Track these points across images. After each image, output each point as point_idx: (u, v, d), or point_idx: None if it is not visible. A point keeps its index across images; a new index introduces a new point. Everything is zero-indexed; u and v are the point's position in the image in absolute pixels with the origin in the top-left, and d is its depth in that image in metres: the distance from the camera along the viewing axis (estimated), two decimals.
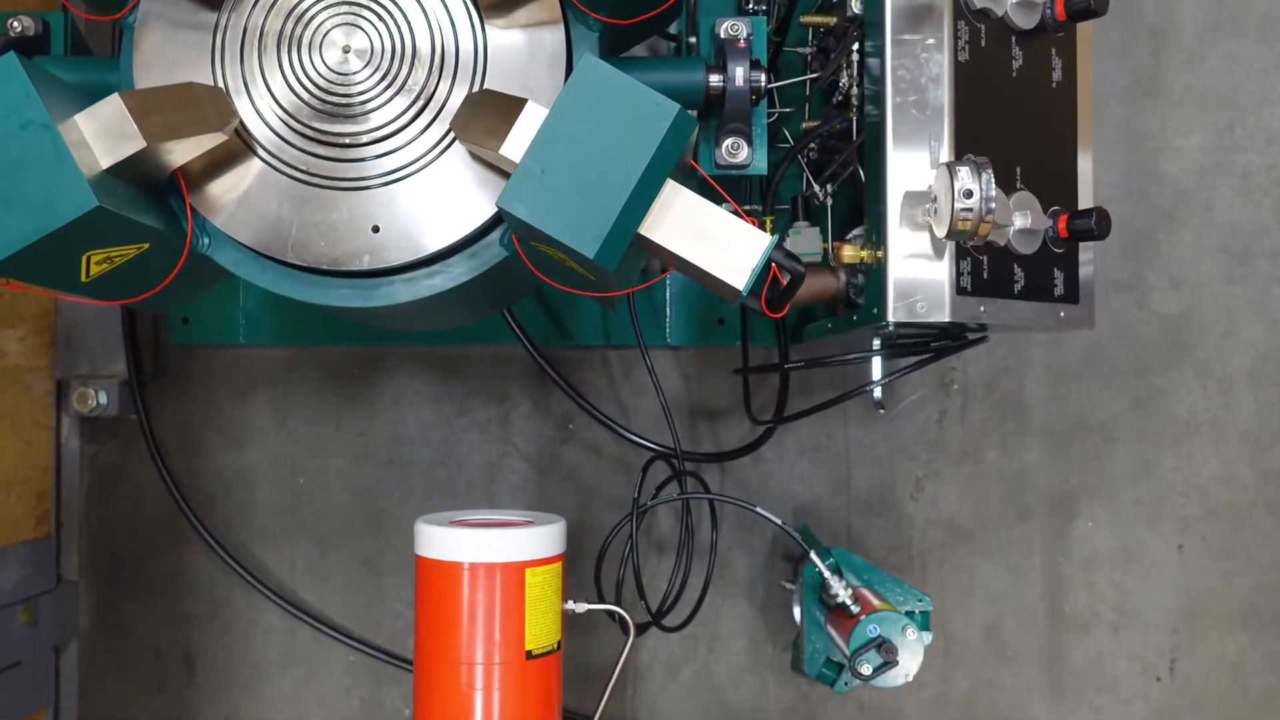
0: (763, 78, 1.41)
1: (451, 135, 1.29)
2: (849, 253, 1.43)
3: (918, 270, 1.32)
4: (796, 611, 1.95)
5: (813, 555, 1.71)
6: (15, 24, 1.46)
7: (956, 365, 2.12)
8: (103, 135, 1.16)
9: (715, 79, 1.41)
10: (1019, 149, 1.39)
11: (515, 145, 1.17)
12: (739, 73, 1.38)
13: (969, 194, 1.18)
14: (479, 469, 2.13)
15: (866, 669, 1.63)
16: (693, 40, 1.72)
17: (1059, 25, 1.41)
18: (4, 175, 1.10)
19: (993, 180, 1.20)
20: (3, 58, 1.11)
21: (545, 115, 1.16)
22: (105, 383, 2.03)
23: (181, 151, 1.23)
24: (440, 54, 1.30)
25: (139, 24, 1.30)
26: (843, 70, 1.62)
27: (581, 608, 1.59)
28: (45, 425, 2.00)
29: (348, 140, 1.30)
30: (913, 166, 1.34)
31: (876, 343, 1.52)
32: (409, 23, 1.29)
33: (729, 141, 1.45)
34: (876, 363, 1.53)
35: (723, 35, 1.44)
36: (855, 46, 1.58)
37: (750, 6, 2.00)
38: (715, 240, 1.17)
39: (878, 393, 1.51)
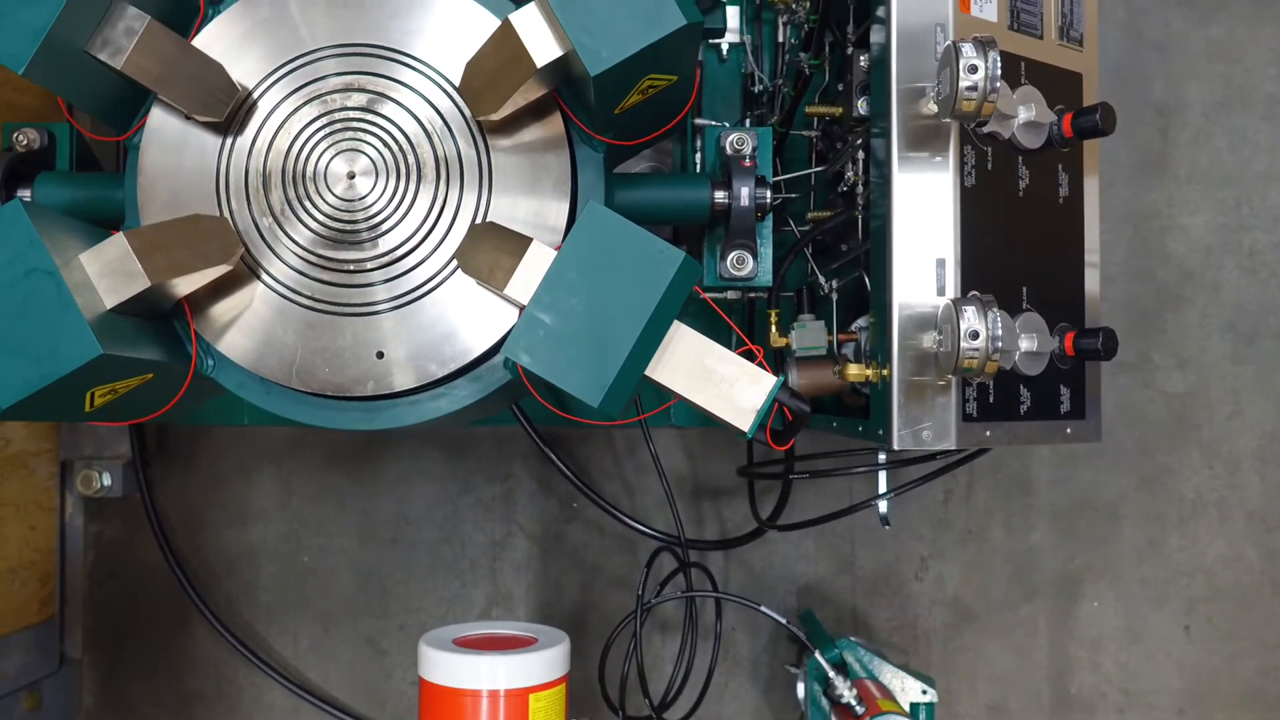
0: (768, 194, 1.41)
1: (455, 262, 1.28)
2: (854, 371, 1.43)
3: (923, 397, 1.31)
4: (800, 689, 1.94)
5: (817, 655, 1.71)
6: (21, 137, 1.46)
7: None
8: (107, 275, 1.16)
9: (720, 195, 1.41)
10: (1025, 268, 1.39)
11: (520, 286, 1.17)
12: (744, 192, 1.38)
13: (975, 335, 1.18)
14: (483, 547, 2.13)
15: None
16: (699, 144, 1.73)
17: (1066, 141, 1.40)
18: (8, 322, 1.10)
19: (999, 319, 1.19)
20: (8, 205, 1.11)
21: (549, 255, 1.17)
22: (109, 464, 2.03)
23: (186, 284, 1.23)
24: (445, 176, 1.29)
25: (144, 145, 1.30)
26: (848, 165, 1.62)
27: None
28: (49, 507, 2.00)
29: (352, 266, 1.30)
30: (918, 286, 1.33)
31: (882, 456, 1.51)
32: (412, 145, 1.29)
33: (734, 255, 1.45)
34: (882, 476, 1.52)
35: (729, 150, 1.45)
36: (861, 143, 1.57)
37: (756, 88, 2.00)
38: (721, 381, 1.17)
39: (883, 507, 1.50)
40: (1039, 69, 1.40)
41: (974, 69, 1.18)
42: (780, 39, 1.93)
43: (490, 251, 1.20)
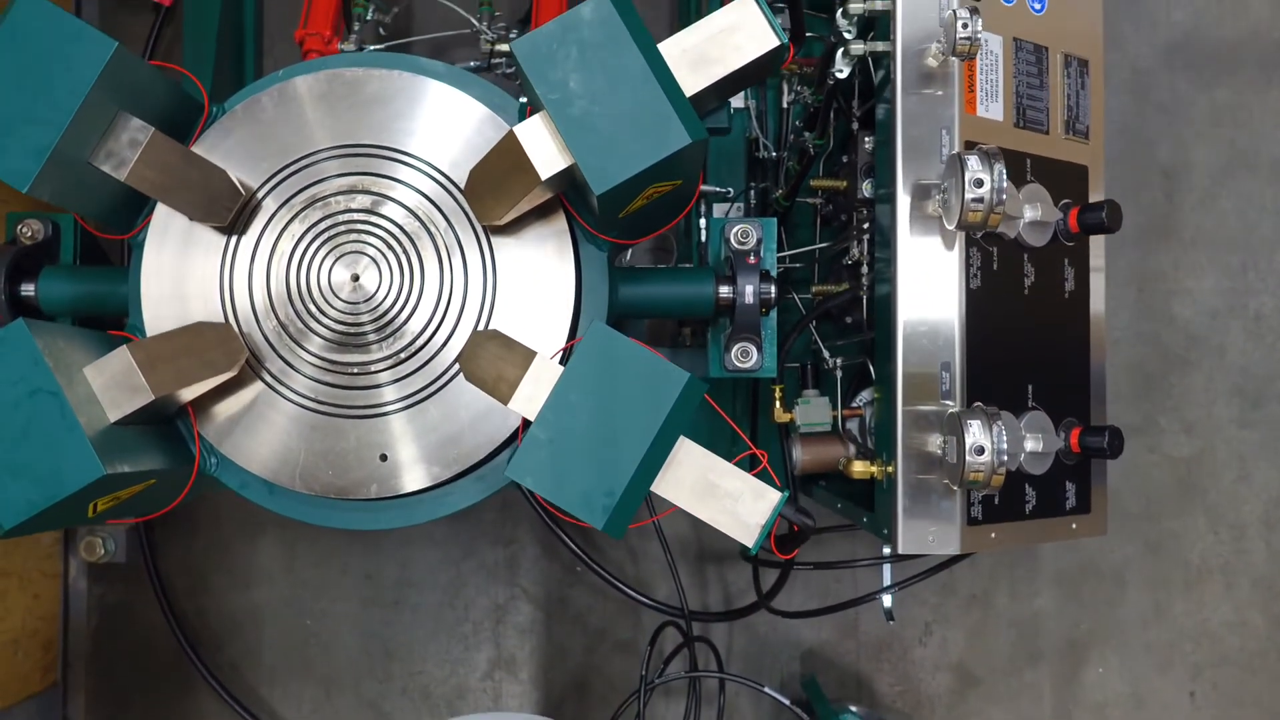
0: (773, 290, 1.40)
1: (458, 366, 1.28)
2: (859, 468, 1.42)
3: (928, 498, 1.31)
4: None
5: None
6: (25, 228, 1.46)
7: None
8: (110, 389, 1.15)
9: (725, 291, 1.40)
10: (1031, 364, 1.38)
11: (524, 401, 1.16)
12: (749, 290, 1.37)
13: (980, 450, 1.17)
14: (486, 611, 2.12)
15: None
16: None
17: (1072, 236, 1.40)
18: (12, 443, 1.10)
19: (1004, 433, 1.18)
20: (12, 325, 1.11)
21: (553, 369, 1.16)
22: (112, 530, 2.03)
23: (190, 392, 1.23)
24: (449, 280, 1.29)
25: (148, 245, 1.30)
26: (853, 243, 1.62)
27: None
28: (53, 574, 2.00)
29: (356, 369, 1.29)
30: (924, 390, 1.33)
31: (887, 549, 1.51)
32: (416, 248, 1.29)
33: (738, 348, 1.44)
34: (887, 570, 1.52)
35: (733, 242, 1.44)
36: (867, 226, 1.57)
37: (760, 153, 2.00)
38: (725, 496, 1.16)
39: (887, 601, 1.50)
40: (1044, 164, 1.39)
41: (980, 183, 1.18)
42: (785, 103, 1.93)
43: (493, 362, 1.20)
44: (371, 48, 1.77)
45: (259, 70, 2.12)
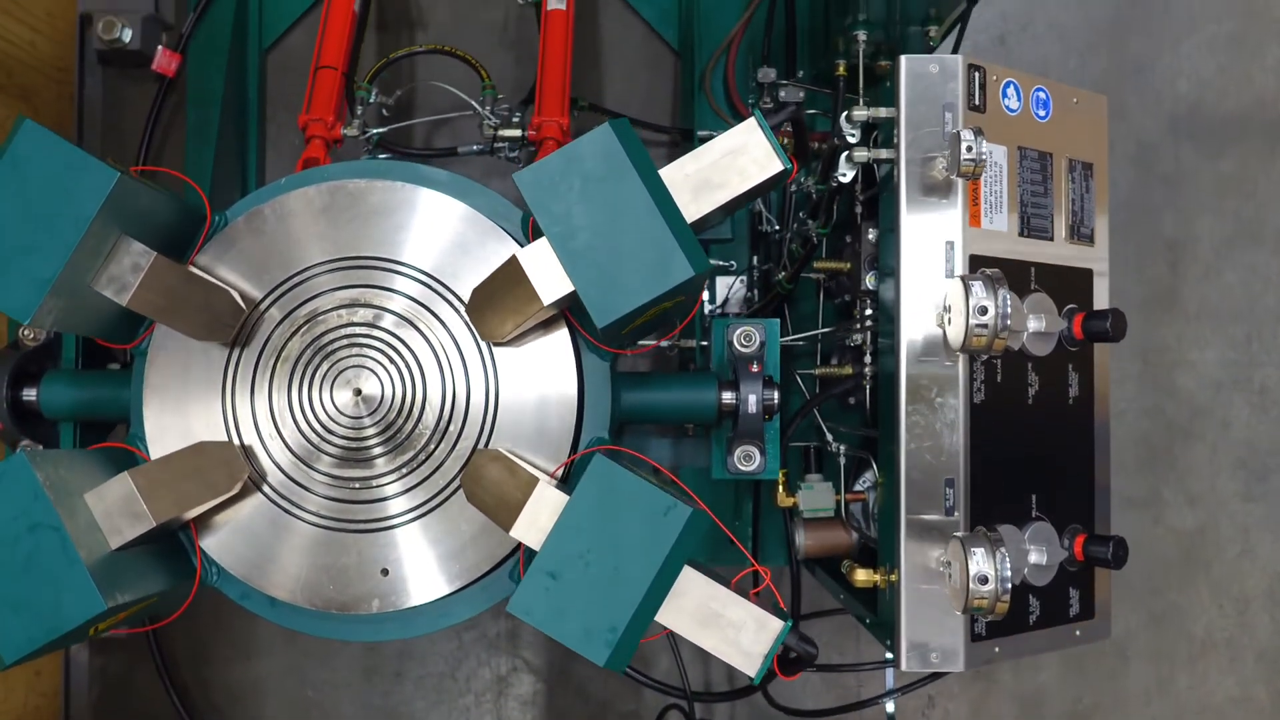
0: (775, 396, 1.40)
1: (460, 481, 1.28)
2: (862, 577, 1.42)
3: (932, 612, 1.30)
4: None
5: None
6: (27, 331, 1.46)
7: None
8: (111, 516, 1.15)
9: (728, 397, 1.40)
10: (1035, 475, 1.38)
11: (526, 529, 1.16)
12: (752, 399, 1.38)
13: (984, 579, 1.17)
14: (488, 683, 2.12)
15: None
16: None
17: (1076, 342, 1.39)
18: (13, 578, 1.10)
19: (1007, 559, 1.18)
20: (13, 459, 1.11)
21: (555, 497, 1.16)
22: None
23: (192, 513, 1.23)
24: (450, 395, 1.28)
25: (150, 356, 1.30)
26: (855, 331, 1.61)
27: None
28: None
29: (358, 484, 1.29)
30: (928, 501, 1.32)
31: (889, 654, 1.50)
32: (418, 362, 1.28)
33: (741, 451, 1.44)
34: (890, 672, 1.51)
35: (736, 346, 1.43)
36: (870, 314, 1.56)
37: (763, 227, 1.99)
38: (728, 626, 1.16)
39: (890, 707, 1.49)
40: (1049, 271, 1.39)
41: (984, 310, 1.18)
42: (790, 188, 1.93)
43: (495, 487, 1.19)
44: (374, 130, 1.77)
45: (261, 158, 2.12)
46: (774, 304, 1.90)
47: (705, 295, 2.00)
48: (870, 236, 1.57)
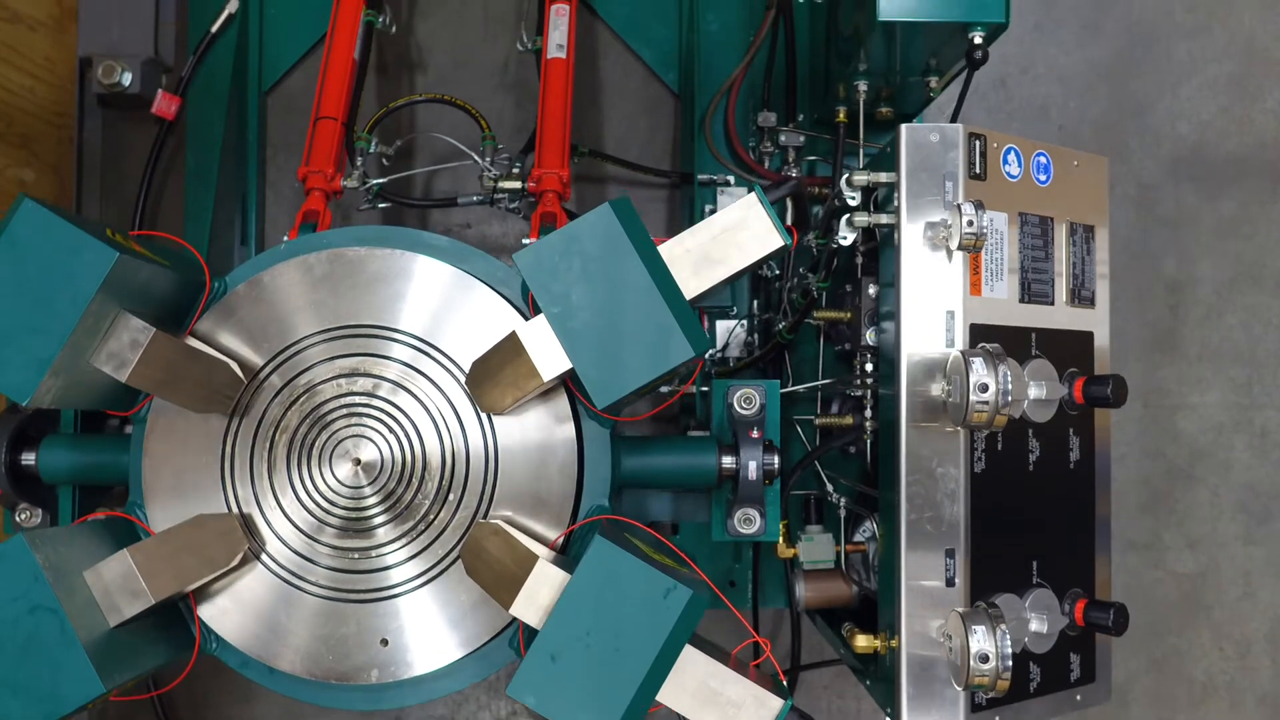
0: (776, 461, 1.40)
1: (459, 552, 1.27)
2: (863, 643, 1.41)
3: (932, 680, 1.30)
4: None
5: None
6: None
7: None
8: (110, 595, 1.15)
9: (728, 461, 1.40)
10: (1036, 542, 1.37)
11: (525, 607, 1.16)
12: (752, 466, 1.37)
13: (985, 658, 1.17)
14: None
15: None
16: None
17: (1076, 407, 1.39)
18: (11, 660, 1.10)
19: (1008, 638, 1.18)
20: (11, 541, 1.11)
21: (555, 575, 1.15)
22: None
23: (190, 586, 1.22)
24: (450, 464, 1.28)
25: (149, 426, 1.29)
26: (855, 384, 1.61)
27: None
28: None
29: (357, 554, 1.29)
30: (928, 569, 1.32)
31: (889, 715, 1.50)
32: (418, 432, 1.28)
33: (741, 514, 1.44)
34: None
35: (736, 409, 1.43)
36: (871, 368, 1.56)
37: (764, 271, 1.99)
38: (728, 705, 1.16)
39: None
40: (1049, 335, 1.39)
41: (985, 388, 1.17)
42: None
43: (495, 562, 1.19)
44: (374, 181, 1.77)
45: (261, 200, 2.11)
46: (774, 351, 1.90)
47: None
48: (871, 292, 1.57)
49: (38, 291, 1.11)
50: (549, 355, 1.17)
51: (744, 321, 2.03)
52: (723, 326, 2.04)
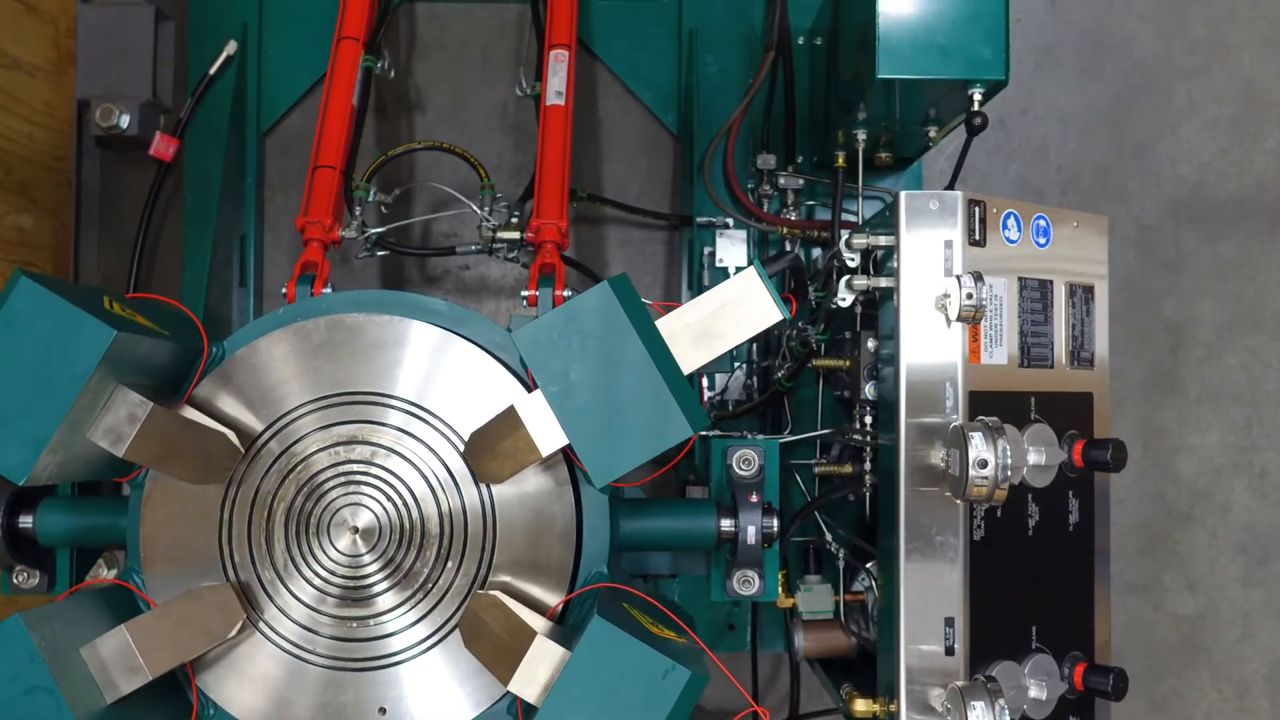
0: (774, 524, 1.39)
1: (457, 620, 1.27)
2: (861, 707, 1.41)
3: None
4: None
5: None
6: None
7: None
8: (107, 671, 1.15)
9: (727, 524, 1.39)
10: (1035, 606, 1.37)
11: (523, 682, 1.15)
12: (751, 530, 1.37)
13: None
14: None
15: None
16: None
17: (1076, 469, 1.39)
18: None
19: (1006, 712, 1.18)
20: (8, 621, 1.10)
21: (554, 651, 1.15)
22: None
23: (188, 658, 1.22)
24: (450, 529, 1.28)
25: (147, 493, 1.29)
26: (856, 438, 1.61)
27: None
28: None
29: (355, 623, 1.28)
30: (927, 634, 1.31)
31: None
32: (415, 498, 1.28)
33: (740, 576, 1.44)
34: None
35: (735, 469, 1.43)
36: (870, 421, 1.55)
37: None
38: None
39: None
40: (1049, 399, 1.38)
41: (984, 463, 1.17)
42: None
43: (493, 635, 1.19)
44: (373, 230, 1.76)
45: (260, 241, 2.11)
46: (774, 398, 1.90)
47: (704, 382, 2.00)
48: (869, 345, 1.56)
49: (35, 370, 1.10)
50: (547, 431, 1.17)
51: (743, 365, 2.03)
52: (720, 379, 2.04)
